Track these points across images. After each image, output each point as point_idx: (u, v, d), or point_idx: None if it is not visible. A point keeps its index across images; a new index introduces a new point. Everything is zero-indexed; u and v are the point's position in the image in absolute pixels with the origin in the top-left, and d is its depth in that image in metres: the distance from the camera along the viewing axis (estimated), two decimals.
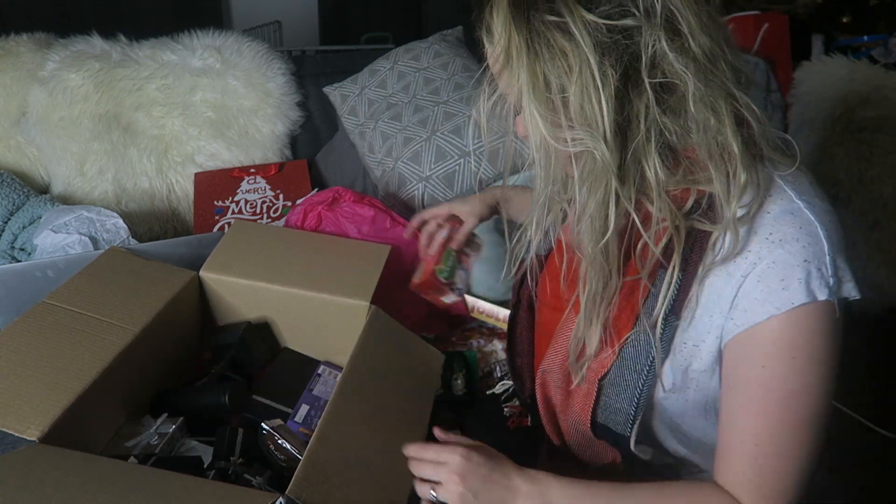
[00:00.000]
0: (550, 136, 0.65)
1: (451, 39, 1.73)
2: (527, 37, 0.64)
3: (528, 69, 0.64)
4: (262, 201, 1.59)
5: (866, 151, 1.48)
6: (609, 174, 0.64)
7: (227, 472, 0.83)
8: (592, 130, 0.63)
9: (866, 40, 2.03)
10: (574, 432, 0.83)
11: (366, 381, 0.87)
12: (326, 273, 1.07)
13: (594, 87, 0.62)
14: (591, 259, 0.70)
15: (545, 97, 0.64)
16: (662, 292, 0.70)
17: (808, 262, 0.64)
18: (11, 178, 1.61)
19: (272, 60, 1.75)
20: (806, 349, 0.66)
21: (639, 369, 0.73)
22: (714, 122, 0.64)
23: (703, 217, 0.68)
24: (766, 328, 0.66)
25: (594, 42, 0.61)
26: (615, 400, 0.76)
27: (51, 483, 0.68)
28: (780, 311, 0.65)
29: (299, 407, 0.96)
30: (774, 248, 0.65)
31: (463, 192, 1.43)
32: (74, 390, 0.80)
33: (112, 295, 0.96)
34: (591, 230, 0.68)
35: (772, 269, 0.65)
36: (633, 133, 0.64)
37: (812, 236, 0.65)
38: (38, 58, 1.70)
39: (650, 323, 0.71)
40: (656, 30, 0.62)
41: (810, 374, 0.66)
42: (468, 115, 1.46)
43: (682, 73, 0.62)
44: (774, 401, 0.67)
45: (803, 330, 0.66)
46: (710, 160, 0.65)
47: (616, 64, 0.62)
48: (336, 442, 0.76)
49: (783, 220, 0.66)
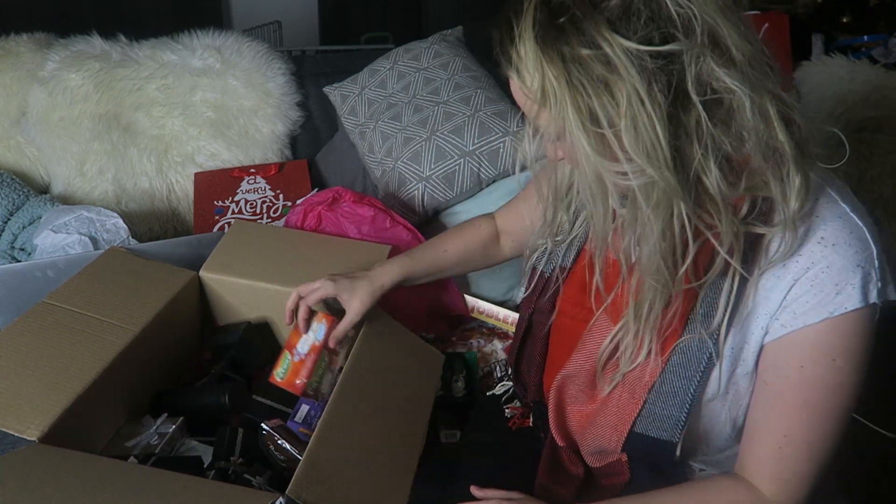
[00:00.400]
0: (606, 170, 0.64)
1: (451, 39, 1.73)
2: (564, 74, 0.61)
3: (573, 106, 0.62)
4: (262, 201, 1.59)
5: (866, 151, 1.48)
6: (675, 197, 0.63)
7: (227, 472, 0.83)
8: (651, 159, 0.61)
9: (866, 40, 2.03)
10: (591, 439, 0.82)
11: (366, 381, 0.87)
12: (326, 273, 1.07)
13: (647, 116, 0.60)
14: (655, 276, 0.69)
15: (595, 132, 0.62)
16: (723, 298, 0.70)
17: (861, 266, 0.65)
18: (11, 178, 1.61)
19: (272, 60, 1.75)
20: (846, 352, 0.67)
21: (689, 375, 0.73)
22: (764, 127, 0.63)
23: (759, 220, 0.67)
24: (812, 331, 0.67)
25: (638, 70, 0.59)
26: (662, 408, 0.75)
27: (51, 483, 0.68)
28: (832, 314, 0.66)
29: (299, 407, 0.96)
30: (828, 253, 0.66)
31: (462, 192, 1.42)
32: (74, 390, 0.80)
33: (112, 295, 0.96)
34: (658, 250, 0.67)
35: (825, 274, 0.66)
36: (690, 152, 0.63)
37: (862, 241, 0.66)
38: (38, 58, 1.70)
39: (709, 329, 0.71)
40: (700, 48, 0.60)
41: (846, 374, 0.68)
42: (468, 114, 1.46)
43: (731, 87, 0.61)
44: (810, 399, 0.69)
45: (847, 333, 0.67)
46: (766, 164, 0.65)
47: (665, 89, 0.60)
48: (336, 442, 0.76)
49: (833, 224, 0.66)
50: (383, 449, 0.80)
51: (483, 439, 1.02)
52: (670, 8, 0.60)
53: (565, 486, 0.85)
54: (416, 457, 0.83)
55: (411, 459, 0.82)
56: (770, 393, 0.71)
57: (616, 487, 0.83)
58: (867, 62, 1.58)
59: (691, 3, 0.60)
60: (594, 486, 0.85)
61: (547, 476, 0.86)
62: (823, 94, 1.56)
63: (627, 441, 0.78)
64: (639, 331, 0.73)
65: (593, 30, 0.60)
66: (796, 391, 0.69)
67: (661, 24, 0.60)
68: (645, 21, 0.60)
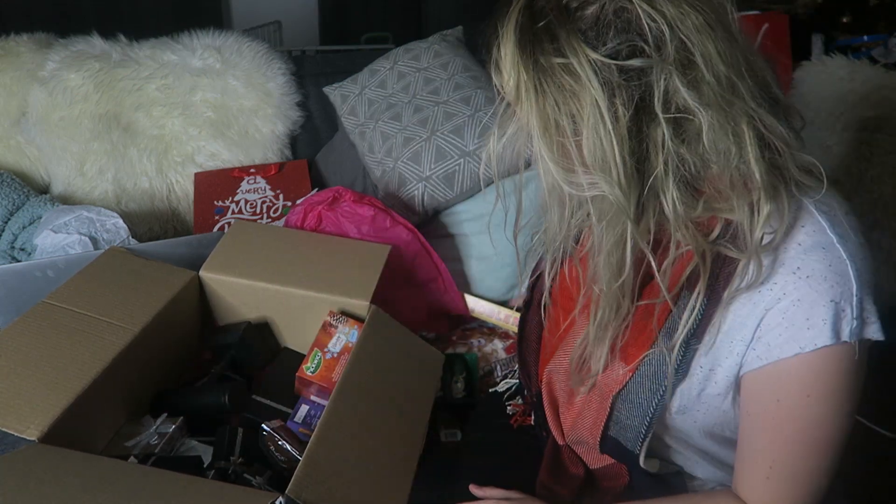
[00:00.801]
0: (563, 180, 0.64)
1: (451, 39, 1.73)
2: (535, 79, 0.61)
3: (538, 112, 0.62)
4: (262, 201, 1.59)
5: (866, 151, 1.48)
6: (624, 216, 0.62)
7: (227, 472, 0.83)
8: (606, 174, 0.61)
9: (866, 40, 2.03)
10: (577, 439, 0.83)
11: (366, 381, 0.87)
12: (326, 273, 1.07)
13: (605, 130, 0.59)
14: (605, 289, 0.69)
15: (556, 141, 0.62)
16: (685, 316, 0.69)
17: (834, 301, 0.63)
18: (11, 178, 1.61)
19: (272, 60, 1.75)
20: (820, 388, 0.65)
21: (654, 389, 0.73)
22: (735, 150, 0.61)
23: (730, 244, 0.66)
24: (785, 364, 0.65)
25: (602, 82, 0.59)
26: (627, 416, 0.76)
27: (51, 483, 0.68)
28: (803, 350, 0.64)
29: (299, 407, 0.96)
30: (801, 285, 0.64)
31: (462, 192, 1.42)
32: (74, 390, 0.80)
33: (112, 295, 0.96)
34: (607, 265, 0.67)
35: (797, 307, 0.64)
36: (650, 168, 0.62)
37: (841, 275, 0.63)
38: (38, 58, 1.70)
39: (668, 345, 0.70)
40: (667, 65, 0.59)
41: (825, 410, 0.66)
42: (468, 114, 1.46)
43: (694, 109, 0.59)
44: (788, 432, 0.68)
45: (820, 371, 0.65)
46: (732, 189, 0.63)
47: (627, 102, 0.59)
48: (336, 442, 0.76)
49: (813, 254, 0.64)
50: (383, 449, 0.80)
51: (484, 437, 1.02)
52: (643, 21, 0.59)
53: (566, 486, 0.85)
54: (416, 457, 0.83)
55: (411, 459, 0.82)
56: (753, 423, 0.70)
57: (615, 490, 0.83)
58: (867, 62, 1.57)
59: (665, 18, 0.58)
60: (596, 489, 0.85)
61: (548, 475, 0.86)
62: (823, 94, 1.56)
63: (603, 443, 0.79)
64: (595, 339, 0.74)
65: (564, 39, 0.59)
66: (776, 423, 0.68)
67: (632, 37, 0.59)
68: (615, 33, 0.59)
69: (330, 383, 0.94)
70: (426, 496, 0.94)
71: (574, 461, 0.85)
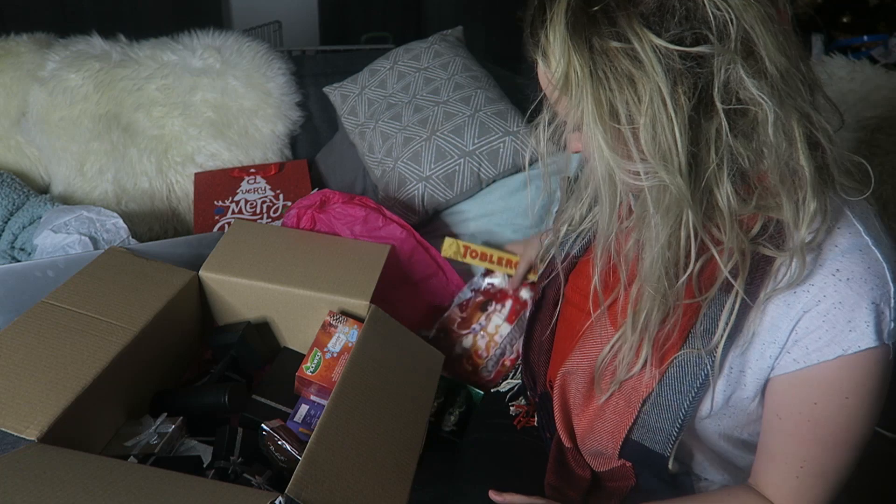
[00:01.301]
0: (619, 168, 0.62)
1: (451, 39, 1.73)
2: (590, 64, 0.59)
3: (593, 98, 0.60)
4: (261, 201, 1.59)
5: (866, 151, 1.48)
6: (685, 205, 0.61)
7: (226, 472, 0.83)
8: (666, 163, 0.59)
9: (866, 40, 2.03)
10: (592, 443, 0.83)
11: (365, 381, 0.87)
12: (326, 273, 1.07)
13: (667, 118, 0.58)
14: (655, 286, 0.67)
15: (612, 128, 0.60)
16: (724, 317, 0.68)
17: (875, 303, 0.63)
18: (11, 178, 1.61)
19: (272, 60, 1.75)
20: (858, 391, 0.66)
21: (684, 391, 0.72)
22: (786, 147, 0.61)
23: (770, 242, 0.65)
24: (825, 368, 0.65)
25: (665, 69, 0.57)
26: (656, 420, 0.75)
27: (50, 483, 0.68)
28: (846, 352, 0.64)
29: (299, 407, 0.96)
30: (841, 287, 0.63)
31: (463, 192, 1.42)
32: (74, 390, 0.80)
33: (112, 295, 0.96)
34: (661, 258, 0.65)
35: (838, 309, 0.63)
36: (705, 161, 0.60)
37: (880, 277, 0.63)
38: (38, 58, 1.70)
39: (708, 347, 0.69)
40: (732, 54, 0.58)
41: (859, 410, 0.67)
42: (468, 114, 1.46)
43: (758, 99, 0.59)
44: (824, 435, 0.68)
45: (860, 373, 0.65)
46: (782, 186, 0.62)
47: (690, 92, 0.58)
48: (336, 441, 0.76)
49: (851, 256, 0.64)
50: (383, 448, 0.80)
51: (486, 438, 1.02)
52: (707, 9, 0.58)
53: (574, 487, 0.85)
54: (416, 457, 0.83)
55: (411, 459, 0.82)
56: (784, 426, 0.70)
57: (622, 490, 0.83)
58: (867, 62, 1.57)
59: (730, 6, 0.57)
60: (602, 489, 0.85)
61: (555, 477, 0.86)
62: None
63: (624, 448, 0.78)
64: (636, 341, 0.72)
65: (625, 23, 0.58)
66: (810, 427, 0.68)
67: (696, 24, 0.58)
68: (679, 20, 0.58)
69: (330, 383, 0.94)
70: (426, 496, 0.94)
71: (581, 464, 0.85)
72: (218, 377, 1.00)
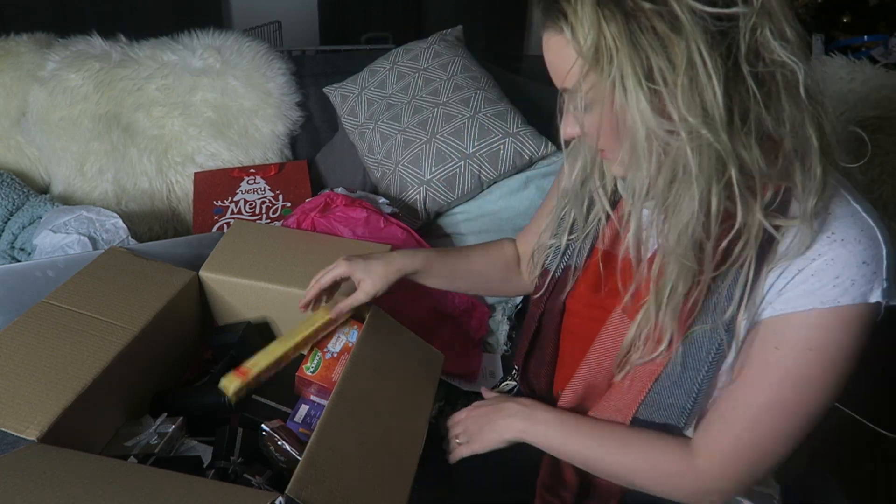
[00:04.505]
0: (660, 128, 0.62)
1: (450, 39, 1.73)
2: (625, 28, 0.60)
3: (630, 62, 0.61)
4: (261, 201, 1.59)
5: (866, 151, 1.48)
6: (729, 161, 0.62)
7: (226, 472, 0.83)
8: (707, 120, 0.60)
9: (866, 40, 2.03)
10: None
11: (366, 381, 0.87)
12: None
13: (707, 77, 0.59)
14: (684, 254, 0.67)
15: (651, 89, 0.61)
16: (739, 289, 0.68)
17: (866, 263, 0.64)
18: (11, 178, 1.61)
19: (272, 60, 1.75)
20: (825, 348, 0.66)
21: (697, 366, 0.73)
22: (798, 115, 0.63)
23: (778, 212, 0.67)
24: (798, 316, 0.66)
25: (703, 30, 0.59)
26: (668, 396, 0.75)
27: (50, 483, 0.68)
28: (823, 306, 0.65)
29: (299, 407, 0.96)
30: (836, 246, 0.65)
31: (464, 194, 1.42)
32: (74, 390, 0.80)
33: (112, 295, 0.96)
34: (692, 224, 0.65)
35: (829, 266, 0.65)
36: (737, 123, 0.62)
37: (872, 239, 0.65)
38: (38, 58, 1.70)
39: (724, 320, 0.70)
40: (762, 15, 0.60)
41: (817, 369, 0.66)
42: (467, 116, 1.46)
43: (787, 61, 0.61)
44: (772, 381, 0.68)
45: (832, 327, 0.65)
46: (795, 154, 0.64)
47: (724, 52, 0.60)
48: (336, 442, 0.76)
49: (845, 221, 0.65)
50: (383, 449, 0.80)
51: None
52: None
53: (566, 488, 0.85)
54: (416, 457, 0.83)
55: (411, 459, 0.82)
56: (740, 374, 0.71)
57: (616, 491, 0.82)
58: (867, 62, 1.58)
59: None
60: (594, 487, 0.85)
61: (549, 477, 0.86)
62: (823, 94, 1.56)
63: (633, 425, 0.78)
64: (659, 319, 0.72)
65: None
66: (761, 370, 0.68)
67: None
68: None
69: (330, 383, 0.94)
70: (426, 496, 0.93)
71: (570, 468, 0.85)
72: (218, 377, 1.00)
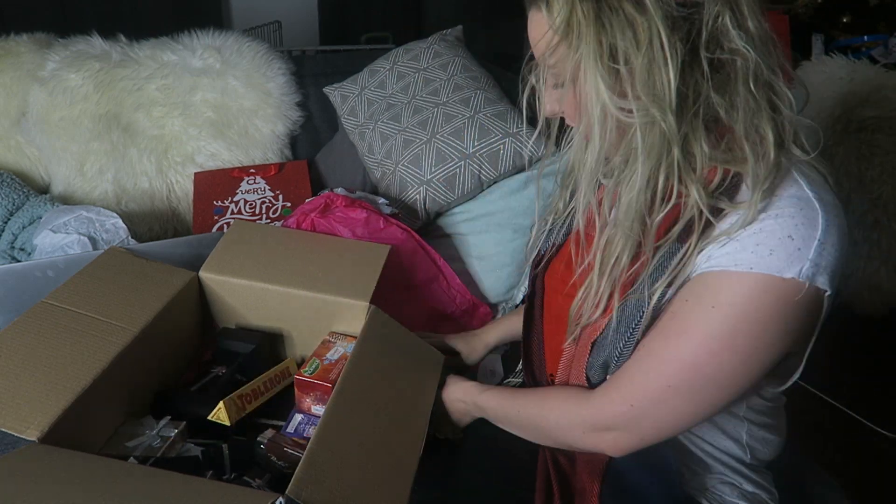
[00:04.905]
0: (614, 105, 0.66)
1: (450, 39, 1.73)
2: (594, 8, 0.64)
3: (595, 40, 0.65)
4: (261, 202, 1.59)
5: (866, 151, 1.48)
6: (673, 142, 0.66)
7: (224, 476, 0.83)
8: (659, 102, 0.64)
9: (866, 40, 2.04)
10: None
11: (366, 381, 0.87)
12: (326, 273, 1.07)
13: (663, 60, 0.63)
14: (629, 227, 0.71)
15: (611, 68, 0.65)
16: (673, 263, 0.71)
17: (791, 238, 0.65)
18: (11, 178, 1.61)
19: (272, 60, 1.75)
20: (729, 310, 0.67)
21: (623, 330, 0.75)
22: (753, 103, 0.66)
23: (725, 195, 0.69)
24: (707, 275, 0.68)
25: (664, 14, 0.62)
26: (599, 358, 0.78)
27: (50, 483, 0.68)
28: (736, 268, 0.66)
29: (292, 417, 0.96)
30: (768, 220, 0.66)
31: (464, 194, 1.42)
32: (74, 390, 0.80)
33: (112, 295, 0.96)
34: (638, 200, 0.69)
35: (754, 234, 0.66)
36: (688, 107, 0.65)
37: (809, 219, 0.65)
38: (38, 58, 1.70)
39: (652, 290, 0.72)
40: (721, 5, 0.64)
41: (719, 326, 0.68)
42: (467, 116, 1.46)
43: (742, 50, 0.64)
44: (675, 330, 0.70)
45: (736, 294, 0.67)
46: (747, 140, 0.67)
47: (684, 37, 0.64)
48: (336, 442, 0.76)
49: (788, 200, 0.67)
50: (384, 449, 0.80)
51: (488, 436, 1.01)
52: None
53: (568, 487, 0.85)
54: (416, 457, 0.83)
55: (411, 459, 0.82)
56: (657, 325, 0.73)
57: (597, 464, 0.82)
58: (867, 62, 1.58)
59: None
60: None
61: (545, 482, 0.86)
62: (823, 94, 1.56)
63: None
64: (600, 287, 0.76)
65: None
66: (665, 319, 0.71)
67: None
68: None
69: (329, 381, 0.94)
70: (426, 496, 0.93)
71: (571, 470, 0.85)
72: (224, 385, 1.00)
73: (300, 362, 1.07)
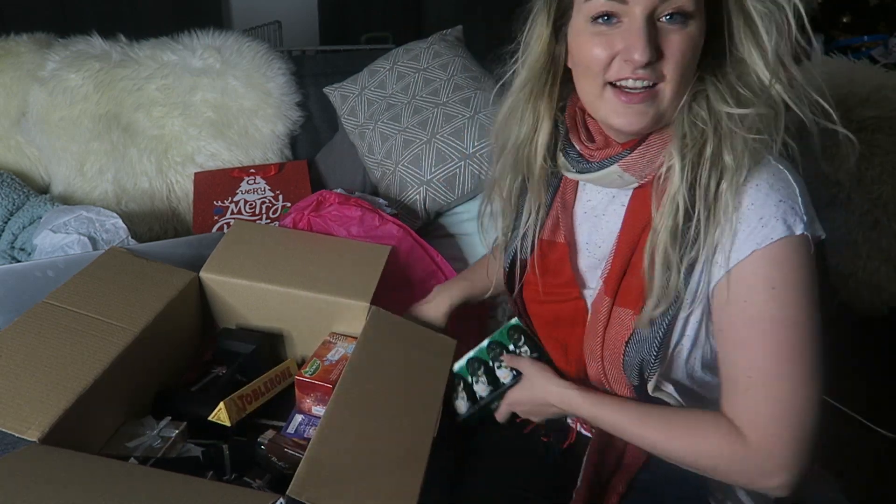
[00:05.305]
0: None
1: (450, 39, 1.73)
2: None
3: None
4: (261, 202, 1.59)
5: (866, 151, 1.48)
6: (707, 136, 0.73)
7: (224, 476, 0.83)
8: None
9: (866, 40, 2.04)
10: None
11: (367, 381, 0.87)
12: (326, 273, 1.07)
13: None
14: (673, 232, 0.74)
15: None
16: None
17: (782, 201, 0.70)
18: (11, 178, 1.61)
19: (272, 60, 1.75)
20: (782, 278, 0.70)
21: (658, 323, 0.77)
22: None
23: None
24: (747, 264, 0.70)
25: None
26: (636, 355, 0.80)
27: (51, 483, 0.67)
28: (760, 245, 0.69)
29: (292, 417, 0.96)
30: (752, 191, 0.71)
31: (464, 194, 1.42)
32: (74, 391, 0.80)
33: (112, 295, 0.96)
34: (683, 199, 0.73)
35: (751, 210, 0.70)
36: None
37: (783, 181, 0.71)
38: (38, 58, 1.70)
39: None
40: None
41: (790, 304, 0.70)
42: (467, 116, 1.46)
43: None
44: (759, 332, 0.71)
45: (781, 262, 0.70)
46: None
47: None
48: (340, 440, 0.76)
49: (763, 173, 0.72)
50: (387, 449, 0.79)
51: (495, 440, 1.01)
52: None
53: None
54: (426, 453, 0.80)
55: (421, 456, 0.79)
56: (727, 338, 0.74)
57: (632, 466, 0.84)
58: (867, 62, 1.58)
59: None
60: None
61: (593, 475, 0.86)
62: None
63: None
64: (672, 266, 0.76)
65: None
66: (747, 326, 0.71)
67: None
68: None
69: (330, 382, 0.94)
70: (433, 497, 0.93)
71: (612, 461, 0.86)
72: (224, 385, 1.00)
73: (301, 363, 1.07)
